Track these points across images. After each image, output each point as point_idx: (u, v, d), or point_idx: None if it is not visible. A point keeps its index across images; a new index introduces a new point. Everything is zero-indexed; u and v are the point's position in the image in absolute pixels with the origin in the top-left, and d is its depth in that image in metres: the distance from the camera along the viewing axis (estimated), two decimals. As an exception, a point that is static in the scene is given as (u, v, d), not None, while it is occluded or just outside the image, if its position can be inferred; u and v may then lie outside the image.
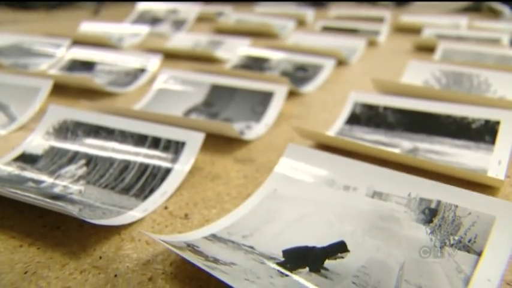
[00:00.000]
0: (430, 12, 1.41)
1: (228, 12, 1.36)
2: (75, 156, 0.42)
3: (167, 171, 0.39)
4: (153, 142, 0.42)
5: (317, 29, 1.13)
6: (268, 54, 0.79)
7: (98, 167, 0.41)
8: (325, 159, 0.37)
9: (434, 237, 0.29)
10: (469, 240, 0.28)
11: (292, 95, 0.62)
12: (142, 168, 0.40)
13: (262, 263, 0.28)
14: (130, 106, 0.58)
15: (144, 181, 0.39)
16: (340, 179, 0.35)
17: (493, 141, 0.43)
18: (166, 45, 0.94)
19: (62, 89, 0.63)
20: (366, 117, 0.50)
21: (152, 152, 0.42)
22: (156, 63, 0.74)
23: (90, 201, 0.36)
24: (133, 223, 0.34)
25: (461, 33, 1.01)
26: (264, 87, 0.57)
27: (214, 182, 0.40)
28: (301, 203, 0.34)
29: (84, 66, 0.76)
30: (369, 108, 0.51)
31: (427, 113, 0.48)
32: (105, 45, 0.89)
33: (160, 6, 1.25)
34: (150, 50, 0.88)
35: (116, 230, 0.33)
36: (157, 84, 0.62)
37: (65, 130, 0.46)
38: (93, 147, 0.43)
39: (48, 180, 0.39)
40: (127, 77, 0.71)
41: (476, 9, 1.41)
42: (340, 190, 0.35)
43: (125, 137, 0.44)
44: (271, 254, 0.29)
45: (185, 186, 0.39)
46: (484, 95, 0.58)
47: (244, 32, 1.05)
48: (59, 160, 0.42)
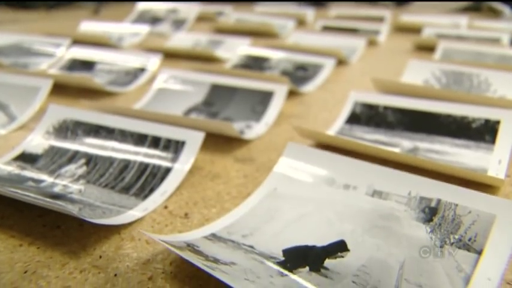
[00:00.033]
0: (430, 11, 1.40)
1: (228, 11, 1.36)
2: (75, 156, 0.42)
3: (167, 171, 0.39)
4: (153, 141, 0.42)
5: (317, 29, 1.13)
6: (268, 54, 0.79)
7: (98, 167, 0.41)
8: (325, 158, 0.37)
9: (435, 236, 0.29)
10: (469, 239, 0.28)
11: (292, 94, 0.62)
12: (142, 167, 0.40)
13: (262, 262, 0.28)
14: (130, 105, 0.58)
15: (144, 180, 0.39)
16: (340, 178, 0.35)
17: (493, 140, 0.43)
18: (166, 44, 0.94)
19: (61, 89, 0.63)
20: (366, 117, 0.50)
21: (152, 151, 0.42)
22: (156, 62, 0.74)
23: (90, 201, 0.36)
24: (133, 222, 0.34)
25: (461, 33, 1.01)
26: (264, 86, 0.57)
27: (214, 181, 0.40)
28: (301, 202, 0.34)
29: (84, 65, 0.76)
30: (369, 107, 0.51)
31: (427, 113, 0.48)
32: (105, 44, 0.89)
33: (160, 6, 1.25)
34: (150, 49, 0.88)
35: (116, 229, 0.33)
36: (157, 84, 0.62)
37: (64, 129, 0.46)
38: (93, 146, 0.43)
39: (48, 180, 0.39)
40: (127, 76, 0.71)
41: (476, 8, 1.41)
42: (340, 189, 0.35)
43: (124, 136, 0.44)
44: (271, 253, 0.29)
45: (185, 185, 0.39)
46: (484, 94, 0.58)
47: (244, 31, 1.05)
48: (59, 159, 0.42)
